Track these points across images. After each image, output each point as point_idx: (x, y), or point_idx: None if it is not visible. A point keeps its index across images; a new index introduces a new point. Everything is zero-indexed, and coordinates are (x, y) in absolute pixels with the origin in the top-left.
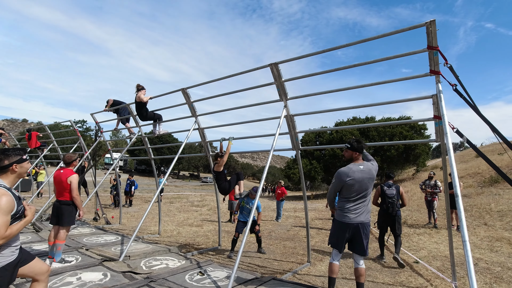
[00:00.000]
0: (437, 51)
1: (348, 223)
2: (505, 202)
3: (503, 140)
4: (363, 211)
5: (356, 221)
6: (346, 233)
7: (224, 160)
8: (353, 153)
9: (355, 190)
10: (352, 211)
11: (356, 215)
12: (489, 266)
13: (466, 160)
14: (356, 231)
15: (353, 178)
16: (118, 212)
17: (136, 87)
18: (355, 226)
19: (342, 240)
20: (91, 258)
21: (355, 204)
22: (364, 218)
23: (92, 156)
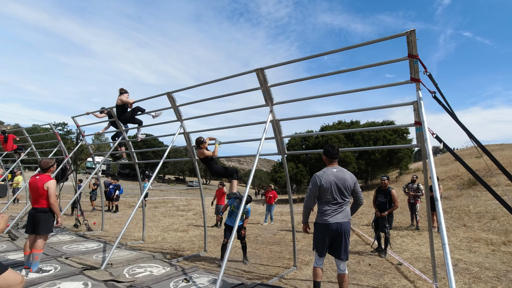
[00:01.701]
0: (417, 60)
1: (328, 224)
2: (483, 204)
3: (478, 145)
4: (341, 214)
5: (335, 223)
6: (327, 236)
7: (207, 154)
8: (326, 158)
9: (331, 193)
10: (330, 214)
11: (335, 218)
12: (468, 266)
13: (446, 163)
14: (337, 233)
15: (328, 180)
16: (100, 218)
17: (119, 91)
18: (335, 228)
19: (324, 242)
20: (71, 267)
21: (333, 206)
22: (343, 220)
23: (73, 160)
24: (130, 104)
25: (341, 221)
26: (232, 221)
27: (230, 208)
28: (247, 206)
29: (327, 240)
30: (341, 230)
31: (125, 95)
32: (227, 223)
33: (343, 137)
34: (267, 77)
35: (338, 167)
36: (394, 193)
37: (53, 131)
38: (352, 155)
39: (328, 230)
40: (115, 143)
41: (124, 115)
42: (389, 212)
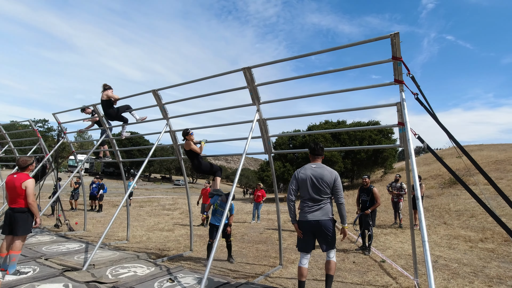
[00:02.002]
0: (400, 62)
1: (305, 221)
2: (462, 202)
3: (457, 146)
4: (320, 211)
5: (314, 219)
6: (308, 232)
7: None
8: (309, 155)
9: (307, 188)
10: (308, 210)
11: (314, 214)
12: (447, 263)
13: (429, 162)
14: (318, 229)
15: (305, 174)
16: (82, 218)
17: (102, 87)
18: (314, 224)
19: (305, 239)
20: (51, 268)
21: (310, 203)
22: (322, 217)
23: (54, 158)
24: (115, 100)
25: (320, 219)
26: (216, 219)
27: (213, 207)
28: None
29: (308, 237)
30: (320, 227)
31: (110, 91)
32: (212, 222)
33: (329, 137)
34: (254, 76)
35: (319, 164)
36: (376, 191)
37: (33, 128)
38: (338, 154)
39: (308, 226)
40: (98, 141)
41: (109, 110)
42: (372, 210)
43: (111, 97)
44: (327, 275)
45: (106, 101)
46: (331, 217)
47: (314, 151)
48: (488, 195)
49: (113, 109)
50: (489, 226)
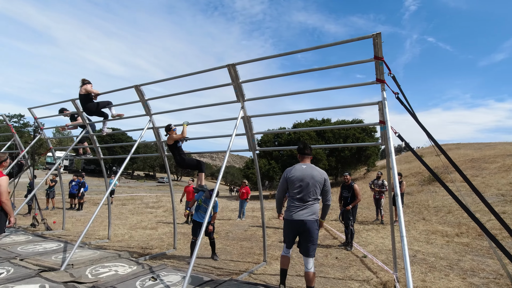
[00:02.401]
0: (382, 61)
1: (292, 220)
2: (440, 198)
3: (435, 144)
4: (306, 210)
5: (298, 219)
6: (292, 230)
7: (177, 138)
8: (299, 155)
9: (298, 187)
10: (295, 209)
11: (299, 214)
12: (425, 257)
13: (410, 160)
14: (302, 229)
15: (295, 175)
16: (61, 217)
17: (81, 81)
18: (299, 223)
19: (290, 236)
20: (26, 269)
21: (298, 203)
22: (307, 217)
23: (30, 155)
24: (94, 95)
25: (305, 218)
26: (200, 216)
27: (197, 203)
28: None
29: (292, 235)
30: (304, 226)
31: (89, 85)
32: (195, 219)
33: (314, 135)
34: (238, 73)
35: (309, 164)
36: (356, 187)
37: (6, 123)
38: (323, 152)
39: (292, 226)
40: (78, 137)
41: (88, 105)
42: (353, 206)
43: (90, 92)
44: (308, 287)
45: (85, 96)
46: (317, 218)
47: (303, 151)
48: (464, 192)
49: (92, 103)
50: (464, 222)
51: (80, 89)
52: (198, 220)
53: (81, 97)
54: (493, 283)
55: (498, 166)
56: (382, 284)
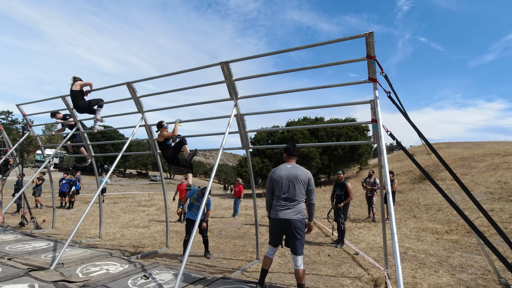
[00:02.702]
0: (374, 60)
1: (277, 219)
2: (431, 196)
3: (426, 143)
4: (292, 210)
5: (284, 218)
6: (278, 229)
7: (168, 136)
8: (285, 155)
9: (281, 188)
10: (280, 209)
11: (284, 213)
12: (416, 254)
13: (402, 159)
14: (288, 228)
15: (279, 175)
16: (51, 215)
17: (72, 79)
18: (284, 223)
19: (275, 235)
20: (15, 268)
21: (283, 202)
22: (292, 216)
23: (19, 153)
24: (86, 93)
25: (290, 218)
26: (193, 214)
27: (190, 201)
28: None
29: (278, 234)
30: (290, 226)
31: (82, 83)
32: (188, 217)
33: (308, 133)
34: (232, 70)
35: (294, 164)
36: (349, 186)
37: None
38: (316, 150)
39: (278, 225)
40: (69, 135)
41: (80, 102)
42: (345, 203)
43: (85, 84)
44: (298, 284)
45: (80, 92)
46: (302, 217)
47: (290, 152)
48: (454, 190)
49: (84, 101)
50: (454, 219)
51: (73, 85)
52: (192, 218)
53: (75, 93)
54: (481, 278)
55: (487, 165)
56: (373, 281)
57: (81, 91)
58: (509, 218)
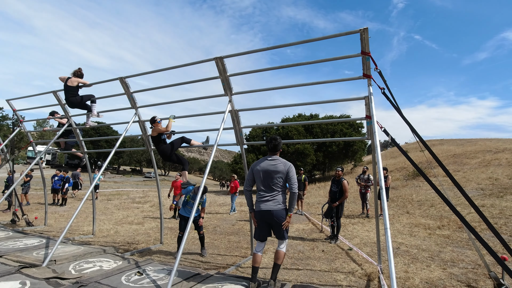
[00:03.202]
0: (369, 57)
1: (259, 211)
2: (424, 193)
3: (420, 140)
4: (273, 201)
5: (265, 209)
6: (261, 221)
7: (161, 131)
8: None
9: (262, 179)
10: (262, 200)
11: (266, 204)
12: (408, 249)
13: (395, 156)
14: (270, 219)
15: (260, 166)
16: (43, 212)
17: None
18: (267, 213)
19: (260, 227)
20: (6, 265)
21: (264, 193)
22: (273, 207)
23: (10, 149)
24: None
25: (272, 208)
26: (187, 211)
27: (185, 198)
28: (203, 196)
29: (262, 226)
30: (272, 216)
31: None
32: (181, 213)
33: (302, 130)
34: (226, 66)
35: (275, 157)
36: (345, 184)
37: None
38: (310, 147)
39: (261, 216)
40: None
41: (72, 98)
42: (340, 203)
43: (84, 84)
44: (274, 264)
45: (76, 88)
46: (283, 207)
47: (268, 147)
48: (446, 186)
49: (77, 96)
50: (446, 215)
51: (70, 81)
52: (185, 215)
53: (70, 89)
54: (471, 272)
55: (479, 162)
56: (367, 276)
57: (77, 87)
58: (500, 214)
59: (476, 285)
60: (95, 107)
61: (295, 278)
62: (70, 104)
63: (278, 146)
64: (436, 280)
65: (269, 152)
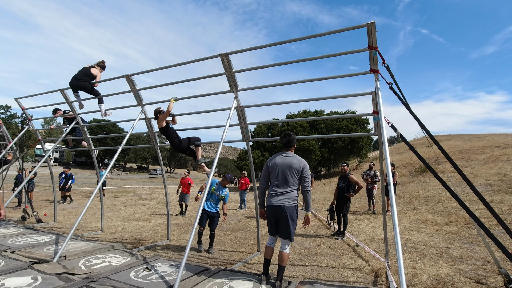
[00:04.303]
0: (376, 51)
1: (270, 206)
2: (431, 188)
3: (428, 135)
4: (284, 196)
5: (276, 204)
6: (271, 216)
7: (164, 116)
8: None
9: (276, 175)
10: (274, 195)
11: (277, 199)
12: (416, 245)
13: (401, 152)
14: (280, 214)
15: (275, 162)
16: (52, 209)
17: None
18: (277, 209)
19: (270, 222)
20: (18, 261)
21: (277, 188)
22: (285, 203)
23: (19, 147)
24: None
25: (283, 204)
26: (209, 205)
27: (209, 190)
28: (226, 191)
29: (272, 220)
30: (282, 212)
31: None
32: (204, 207)
33: (307, 126)
34: (232, 62)
35: (290, 153)
36: (352, 177)
37: None
38: (316, 143)
39: (271, 211)
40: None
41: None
42: (356, 193)
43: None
44: (279, 266)
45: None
46: (294, 204)
47: (282, 143)
48: (454, 182)
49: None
50: (453, 211)
51: (92, 69)
52: (207, 209)
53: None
54: (481, 269)
55: (487, 157)
56: (374, 272)
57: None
58: (509, 210)
59: (485, 282)
60: (103, 107)
61: (302, 274)
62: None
63: (292, 141)
64: (444, 277)
65: (283, 148)
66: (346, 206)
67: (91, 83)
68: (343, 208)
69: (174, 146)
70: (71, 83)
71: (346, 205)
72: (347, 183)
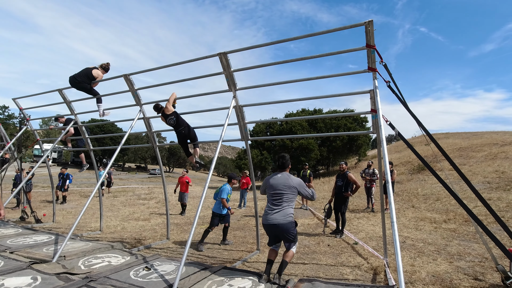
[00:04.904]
0: (374, 50)
1: (267, 225)
2: (429, 186)
3: (426, 133)
4: (279, 213)
5: (271, 222)
6: (270, 233)
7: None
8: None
9: (272, 193)
10: (268, 213)
11: (271, 217)
12: (414, 243)
13: (400, 150)
14: (277, 231)
15: (272, 181)
16: (50, 209)
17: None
18: (272, 227)
19: (271, 238)
20: (17, 261)
21: (273, 206)
22: (279, 221)
23: (17, 147)
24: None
25: (278, 222)
26: (221, 207)
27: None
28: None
29: (271, 237)
30: (278, 229)
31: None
32: (214, 211)
33: (306, 125)
34: (230, 61)
35: (285, 173)
36: (351, 175)
37: None
38: (314, 142)
39: (268, 229)
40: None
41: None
42: (354, 193)
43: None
44: (282, 260)
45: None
46: (289, 220)
47: (277, 164)
48: (452, 180)
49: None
50: (452, 208)
51: (93, 70)
52: (218, 212)
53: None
54: (479, 266)
55: (485, 155)
56: (373, 269)
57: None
58: (507, 207)
59: (483, 278)
60: (101, 106)
61: (301, 272)
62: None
63: (286, 163)
64: (442, 274)
65: (278, 169)
66: (345, 205)
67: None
68: (341, 206)
69: (182, 135)
70: (70, 82)
71: (345, 204)
72: (345, 182)
